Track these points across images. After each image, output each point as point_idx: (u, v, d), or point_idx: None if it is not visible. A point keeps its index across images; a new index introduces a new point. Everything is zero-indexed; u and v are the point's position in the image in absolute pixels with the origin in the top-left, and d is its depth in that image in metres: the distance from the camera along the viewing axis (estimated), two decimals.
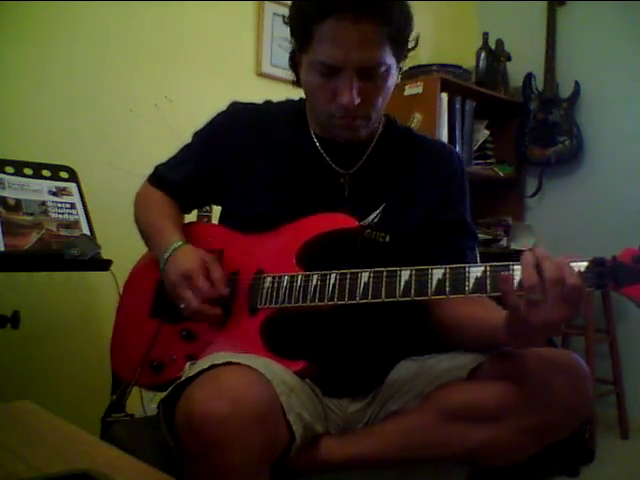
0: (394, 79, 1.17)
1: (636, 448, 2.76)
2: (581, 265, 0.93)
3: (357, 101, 1.10)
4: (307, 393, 1.10)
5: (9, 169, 1.59)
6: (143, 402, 1.75)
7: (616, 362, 2.85)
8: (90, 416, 1.56)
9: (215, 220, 1.48)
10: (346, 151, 1.23)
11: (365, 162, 1.24)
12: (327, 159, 1.24)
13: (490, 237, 3.18)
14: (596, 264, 0.93)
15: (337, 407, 1.19)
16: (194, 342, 1.19)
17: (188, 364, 1.12)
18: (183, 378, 0.99)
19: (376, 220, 1.19)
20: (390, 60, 1.12)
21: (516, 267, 0.96)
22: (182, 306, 1.15)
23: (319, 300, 1.08)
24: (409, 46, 1.19)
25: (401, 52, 1.15)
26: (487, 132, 3.18)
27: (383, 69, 1.11)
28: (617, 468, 2.51)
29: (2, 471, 0.79)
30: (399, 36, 1.11)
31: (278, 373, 1.02)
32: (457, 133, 2.98)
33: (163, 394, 1.04)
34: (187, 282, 1.14)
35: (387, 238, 1.20)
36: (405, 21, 1.12)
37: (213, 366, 0.96)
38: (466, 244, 1.26)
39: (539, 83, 3.19)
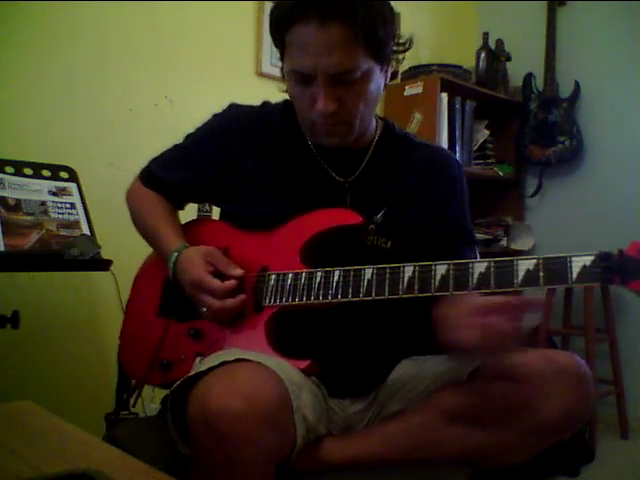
0: (379, 83, 1.15)
1: (636, 448, 2.76)
2: (586, 260, 0.91)
3: (332, 108, 1.09)
4: (313, 392, 1.10)
5: (9, 169, 1.59)
6: (143, 402, 1.75)
7: (616, 362, 2.84)
8: (90, 415, 1.56)
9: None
10: (344, 158, 1.23)
11: (364, 170, 1.24)
12: (326, 167, 1.23)
13: (490, 237, 3.18)
14: (602, 259, 0.91)
15: (338, 408, 1.19)
16: (202, 340, 1.20)
17: (198, 359, 1.13)
18: (193, 373, 0.99)
19: (379, 221, 1.19)
20: (366, 64, 1.09)
21: (520, 262, 0.95)
22: (204, 310, 1.16)
23: (323, 297, 1.08)
24: (399, 47, 1.18)
25: (380, 54, 1.11)
26: (487, 132, 3.18)
27: (358, 74, 1.08)
28: (617, 468, 2.51)
29: (2, 471, 0.79)
30: (373, 38, 1.07)
31: (288, 371, 1.02)
32: (457, 133, 2.98)
33: (165, 392, 1.05)
34: (200, 289, 1.15)
35: (388, 244, 1.19)
36: (378, 22, 1.07)
37: (224, 362, 0.96)
38: (467, 250, 1.25)
39: (539, 83, 3.19)
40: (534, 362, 1.04)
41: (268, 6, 2.53)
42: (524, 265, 0.95)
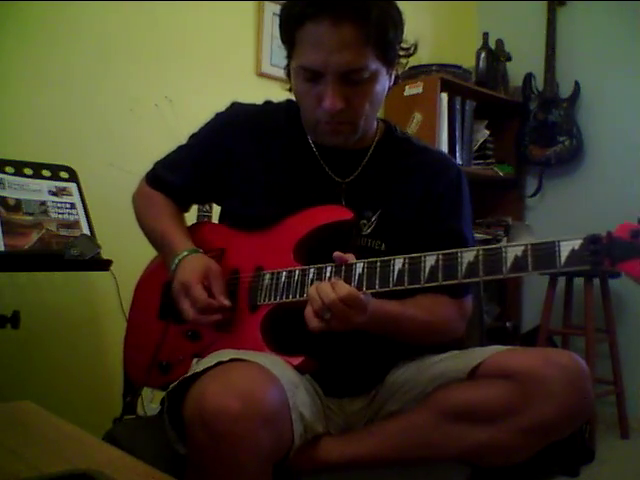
0: (384, 85, 1.16)
1: (636, 448, 2.76)
2: (575, 243, 0.90)
3: (339, 106, 1.10)
4: (309, 391, 1.10)
5: (9, 169, 1.59)
6: (143, 402, 1.75)
7: (616, 362, 2.84)
8: (91, 415, 1.56)
9: (215, 220, 1.48)
10: (343, 158, 1.23)
11: (362, 171, 1.24)
12: (324, 167, 1.24)
13: (490, 237, 3.18)
14: (590, 241, 0.90)
15: (337, 407, 1.20)
16: (199, 341, 1.20)
17: (195, 360, 1.14)
18: (190, 373, 1.00)
19: (372, 227, 1.20)
20: (375, 65, 1.10)
21: (509, 249, 0.95)
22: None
23: None
24: (403, 51, 1.19)
25: (388, 56, 1.13)
26: (487, 132, 3.18)
27: (367, 74, 1.10)
28: (617, 468, 2.51)
29: (2, 471, 0.79)
30: (383, 40, 1.09)
31: (284, 370, 1.03)
32: (457, 133, 2.98)
33: (167, 391, 1.05)
34: (185, 292, 1.15)
35: (382, 246, 1.20)
36: (389, 24, 1.10)
37: (219, 363, 0.97)
38: None
39: (539, 83, 3.19)
40: (533, 361, 1.04)
41: (268, 6, 2.56)
42: (512, 252, 0.94)
